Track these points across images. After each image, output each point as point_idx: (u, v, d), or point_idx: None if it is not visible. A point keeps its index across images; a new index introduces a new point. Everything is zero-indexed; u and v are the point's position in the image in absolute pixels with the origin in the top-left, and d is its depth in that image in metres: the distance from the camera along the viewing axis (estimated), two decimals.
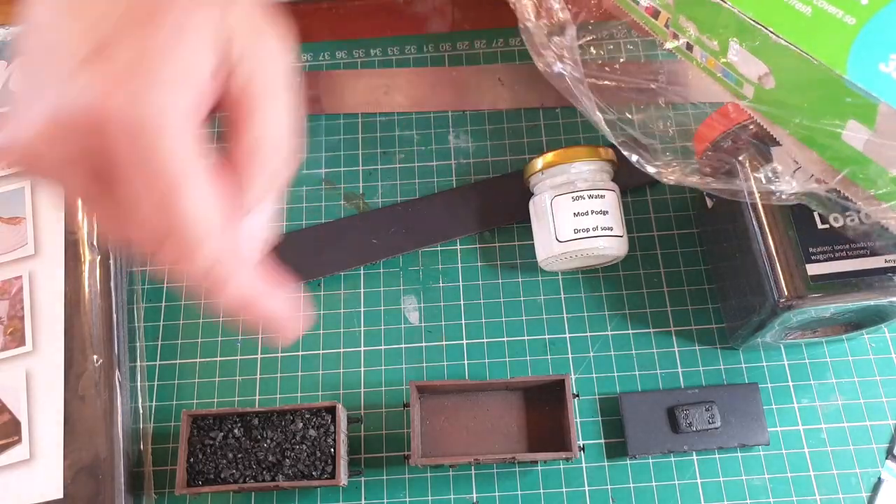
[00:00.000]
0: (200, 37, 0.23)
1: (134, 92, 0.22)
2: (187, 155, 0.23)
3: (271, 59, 0.25)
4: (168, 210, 0.23)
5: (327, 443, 0.39)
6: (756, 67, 0.30)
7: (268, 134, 0.25)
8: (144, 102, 0.22)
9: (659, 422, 0.40)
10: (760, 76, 0.31)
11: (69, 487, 0.39)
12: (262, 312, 0.27)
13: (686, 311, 0.44)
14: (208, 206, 0.23)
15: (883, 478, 0.40)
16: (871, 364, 0.42)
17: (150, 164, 0.22)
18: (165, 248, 0.24)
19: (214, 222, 0.24)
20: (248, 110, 0.25)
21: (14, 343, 0.41)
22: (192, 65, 0.23)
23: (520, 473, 0.41)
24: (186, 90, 0.23)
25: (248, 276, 0.26)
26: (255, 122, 0.25)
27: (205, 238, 0.23)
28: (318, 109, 0.51)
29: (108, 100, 0.22)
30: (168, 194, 0.23)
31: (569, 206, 0.41)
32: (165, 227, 0.23)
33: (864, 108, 0.27)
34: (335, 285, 0.46)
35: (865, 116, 0.27)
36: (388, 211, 0.47)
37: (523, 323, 0.44)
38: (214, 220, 0.24)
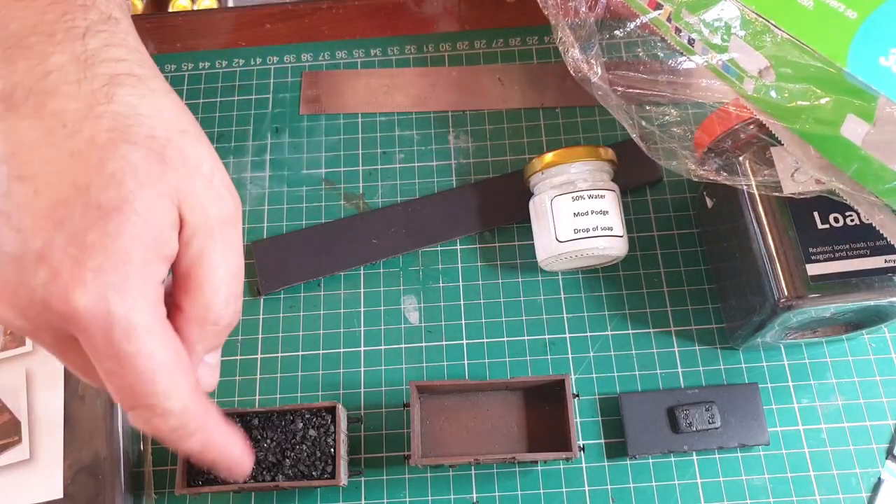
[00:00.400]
0: (159, 222, 0.23)
1: (100, 289, 0.22)
2: (156, 344, 0.23)
3: (220, 230, 0.25)
4: (139, 389, 0.23)
5: (327, 443, 0.39)
6: (756, 61, 0.31)
7: (217, 302, 0.25)
8: (112, 301, 0.22)
9: (659, 422, 0.40)
10: (761, 70, 0.31)
11: (69, 487, 0.39)
12: (220, 456, 0.28)
13: (686, 311, 0.44)
14: (180, 384, 0.24)
15: (883, 478, 0.40)
16: (871, 364, 0.42)
17: (121, 357, 0.23)
18: (137, 411, 0.24)
19: (184, 396, 0.24)
20: (197, 282, 0.25)
21: (14, 343, 0.41)
22: (153, 256, 0.23)
23: (520, 473, 0.41)
24: (152, 282, 0.23)
25: (212, 429, 0.27)
26: (204, 292, 0.25)
27: (175, 409, 0.24)
28: (318, 109, 0.51)
29: (74, 298, 0.22)
30: (139, 381, 0.23)
31: (569, 206, 0.41)
32: (136, 398, 0.24)
33: (863, 102, 0.27)
34: (335, 285, 0.46)
35: (864, 111, 0.27)
36: (388, 211, 0.47)
37: (523, 323, 0.44)
38: (184, 394, 0.24)
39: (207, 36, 0.55)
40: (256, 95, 0.52)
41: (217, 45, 0.54)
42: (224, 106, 0.52)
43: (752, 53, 0.31)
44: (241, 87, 0.52)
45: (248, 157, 0.50)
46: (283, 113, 0.51)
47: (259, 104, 0.51)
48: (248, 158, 0.50)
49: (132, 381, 0.23)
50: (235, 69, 0.53)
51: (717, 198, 0.42)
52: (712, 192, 0.43)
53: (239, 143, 0.50)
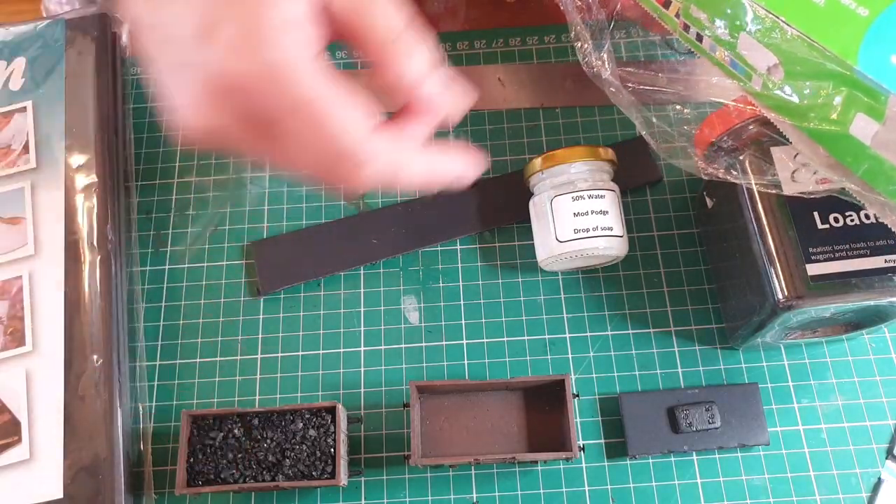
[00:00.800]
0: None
1: (253, 48, 0.25)
2: (318, 82, 0.26)
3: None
4: (321, 132, 0.26)
5: (327, 443, 0.39)
6: (765, 58, 0.30)
7: (385, 26, 0.28)
8: (265, 53, 0.25)
9: (659, 422, 0.40)
10: (770, 67, 0.30)
11: (69, 487, 0.39)
12: (441, 180, 0.31)
13: (686, 311, 0.44)
14: (355, 117, 0.27)
15: (883, 478, 0.40)
16: (871, 364, 0.42)
17: (291, 102, 0.26)
18: (335, 170, 0.28)
19: (365, 129, 0.27)
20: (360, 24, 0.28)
21: (14, 343, 0.41)
22: (291, 8, 0.26)
23: (520, 473, 0.41)
24: (295, 31, 0.26)
25: (418, 162, 0.29)
26: (372, 29, 0.28)
27: (361, 144, 0.27)
28: None
29: (235, 62, 0.25)
30: (315, 119, 0.26)
31: (569, 206, 0.41)
32: (325, 149, 0.27)
33: (873, 101, 0.27)
34: (335, 285, 0.46)
35: (873, 110, 0.27)
36: (388, 211, 0.47)
37: (523, 323, 0.44)
38: (364, 127, 0.27)
39: None
40: None
41: None
42: None
43: (760, 50, 0.30)
44: None
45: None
46: None
47: None
48: (248, 158, 0.50)
49: (310, 129, 0.26)
50: None
51: (717, 198, 0.42)
52: (712, 192, 0.43)
53: None
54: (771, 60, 0.30)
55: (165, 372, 0.44)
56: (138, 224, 0.48)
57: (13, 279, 0.43)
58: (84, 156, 0.45)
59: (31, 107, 0.47)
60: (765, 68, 0.31)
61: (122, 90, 0.51)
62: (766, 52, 0.30)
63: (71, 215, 0.44)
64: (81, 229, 0.44)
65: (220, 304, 0.45)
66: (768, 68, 0.31)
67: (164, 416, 0.43)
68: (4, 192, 0.45)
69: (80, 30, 0.49)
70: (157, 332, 0.45)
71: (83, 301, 0.42)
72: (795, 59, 0.29)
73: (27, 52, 0.49)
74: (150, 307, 0.46)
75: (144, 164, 0.50)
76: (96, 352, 0.41)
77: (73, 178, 0.45)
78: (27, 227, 0.44)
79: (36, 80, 0.48)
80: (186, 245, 0.47)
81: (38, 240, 0.44)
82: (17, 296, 0.42)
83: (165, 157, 0.50)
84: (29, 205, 0.44)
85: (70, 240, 0.43)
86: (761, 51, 0.30)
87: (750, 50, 0.31)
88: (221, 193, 0.49)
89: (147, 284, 0.46)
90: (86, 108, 0.47)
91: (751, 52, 0.31)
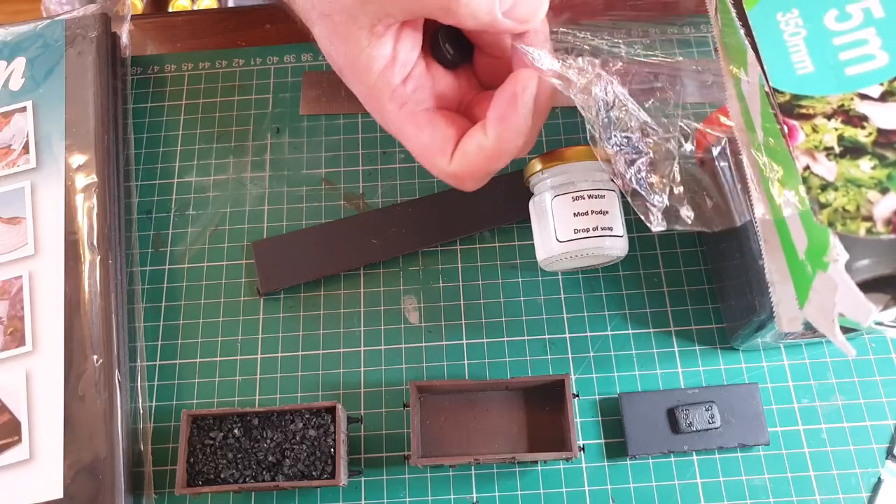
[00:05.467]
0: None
1: (356, 75, 0.34)
2: (397, 116, 0.35)
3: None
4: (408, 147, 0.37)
5: (327, 443, 0.39)
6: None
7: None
8: (364, 78, 0.34)
9: (659, 422, 0.40)
10: None
11: (69, 487, 0.39)
12: None
13: (686, 311, 0.44)
14: (432, 154, 0.36)
15: (883, 478, 0.40)
16: (871, 364, 0.42)
17: (384, 122, 0.36)
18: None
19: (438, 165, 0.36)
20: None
21: (14, 343, 0.41)
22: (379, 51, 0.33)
23: (520, 473, 0.41)
24: (381, 64, 0.33)
25: None
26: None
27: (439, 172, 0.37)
28: (318, 109, 0.51)
29: (350, 82, 0.36)
30: (402, 140, 0.36)
31: (569, 206, 0.41)
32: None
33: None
34: (335, 285, 0.46)
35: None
36: (388, 211, 0.47)
37: (523, 323, 0.44)
38: (437, 164, 0.36)
39: (207, 36, 0.55)
40: (256, 95, 0.52)
41: (217, 45, 0.54)
42: (224, 106, 0.52)
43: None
44: (241, 87, 0.52)
45: (248, 157, 0.50)
46: (283, 113, 0.51)
47: (259, 104, 0.51)
48: (248, 158, 0.50)
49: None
50: (235, 69, 0.53)
51: (716, 198, 0.42)
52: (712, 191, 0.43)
53: (239, 143, 0.50)
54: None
55: (165, 372, 0.44)
56: (138, 224, 0.48)
57: (13, 279, 0.43)
58: (84, 156, 0.45)
59: (31, 107, 0.47)
60: None
61: (122, 90, 0.51)
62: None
63: (71, 215, 0.44)
64: (81, 229, 0.44)
65: (220, 304, 0.46)
66: None
67: (164, 416, 0.43)
68: (4, 192, 0.45)
69: (80, 30, 0.49)
70: (157, 332, 0.45)
71: (83, 301, 0.42)
72: None
73: (27, 52, 0.49)
74: (150, 307, 0.46)
75: (144, 164, 0.50)
76: (96, 352, 0.41)
77: (73, 178, 0.45)
78: (27, 227, 0.44)
79: (36, 80, 0.48)
80: (186, 245, 0.47)
81: (38, 240, 0.44)
82: (17, 296, 0.42)
83: (165, 157, 0.50)
84: (29, 205, 0.45)
85: (70, 240, 0.43)
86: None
87: None
88: (221, 193, 0.49)
89: (147, 284, 0.46)
90: (86, 108, 0.47)
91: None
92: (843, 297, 0.24)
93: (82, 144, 0.46)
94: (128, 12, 0.53)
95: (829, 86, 0.26)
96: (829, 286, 0.24)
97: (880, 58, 0.25)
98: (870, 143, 0.24)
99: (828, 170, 0.24)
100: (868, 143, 0.24)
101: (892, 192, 0.23)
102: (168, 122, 0.51)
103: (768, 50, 0.27)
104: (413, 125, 0.35)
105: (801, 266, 0.26)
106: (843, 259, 0.23)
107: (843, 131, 0.25)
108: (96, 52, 0.48)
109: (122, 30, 0.52)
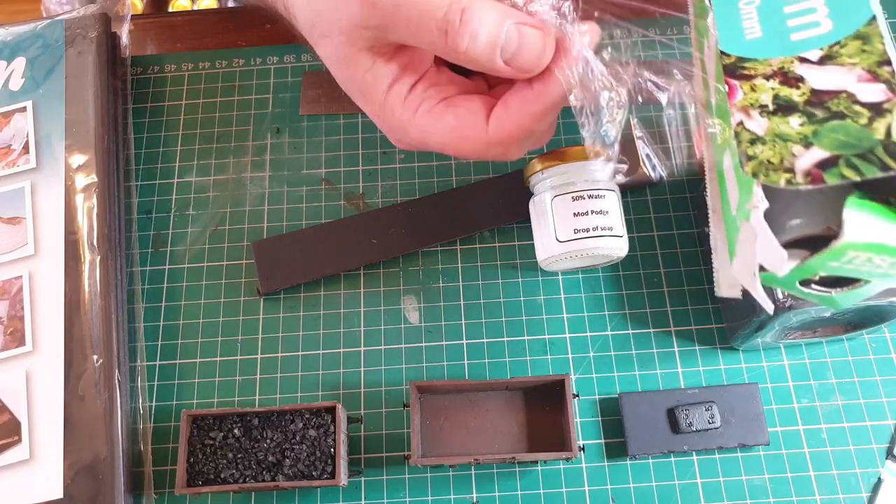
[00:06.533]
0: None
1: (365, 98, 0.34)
2: (412, 121, 0.34)
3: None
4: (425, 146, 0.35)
5: (327, 443, 0.39)
6: None
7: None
8: (373, 98, 0.34)
9: (659, 422, 0.40)
10: None
11: (69, 487, 0.39)
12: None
13: (686, 311, 0.44)
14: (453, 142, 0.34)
15: (883, 478, 0.40)
16: (871, 364, 0.42)
17: (401, 132, 0.35)
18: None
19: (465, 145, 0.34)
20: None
21: (14, 343, 0.41)
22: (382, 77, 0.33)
23: (520, 473, 0.41)
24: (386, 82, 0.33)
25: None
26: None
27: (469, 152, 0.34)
28: (318, 109, 0.51)
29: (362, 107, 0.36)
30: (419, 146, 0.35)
31: (569, 206, 0.41)
32: None
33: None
34: (335, 285, 0.46)
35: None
36: (388, 211, 0.47)
37: (523, 323, 0.44)
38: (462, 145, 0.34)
39: (207, 36, 0.55)
40: (256, 95, 0.52)
41: (217, 45, 0.54)
42: (224, 106, 0.52)
43: None
44: (241, 87, 0.52)
45: (248, 157, 0.50)
46: (283, 113, 0.51)
47: (259, 104, 0.51)
48: (248, 158, 0.50)
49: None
50: (235, 69, 0.53)
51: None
52: None
53: (239, 143, 0.50)
54: None
55: (165, 372, 0.44)
56: (138, 224, 0.48)
57: (13, 279, 0.43)
58: (84, 156, 0.45)
59: (31, 107, 0.47)
60: None
61: (122, 90, 0.51)
62: None
63: (71, 215, 0.44)
64: (81, 229, 0.44)
65: (220, 304, 0.46)
66: None
67: (164, 416, 0.43)
68: (4, 192, 0.45)
69: (80, 30, 0.49)
70: (157, 332, 0.45)
71: (83, 301, 0.42)
72: None
73: (27, 52, 0.49)
74: (150, 307, 0.46)
75: (144, 164, 0.50)
76: (96, 352, 0.41)
77: (73, 178, 0.45)
78: (27, 227, 0.44)
79: (36, 80, 0.48)
80: (186, 245, 0.47)
81: (38, 240, 0.44)
82: (17, 296, 0.42)
83: (165, 157, 0.50)
84: (29, 205, 0.45)
85: (70, 240, 0.43)
86: None
87: None
88: (221, 193, 0.49)
89: (147, 284, 0.46)
90: (86, 108, 0.47)
91: None
92: (762, 246, 0.25)
93: (82, 144, 0.46)
94: (128, 12, 0.53)
95: (774, 50, 0.27)
96: (750, 236, 0.25)
97: (825, 25, 0.26)
98: (802, 101, 0.25)
99: (759, 125, 0.25)
100: (801, 102, 0.25)
101: (816, 147, 0.24)
102: (168, 122, 0.51)
103: (722, 16, 0.28)
104: (433, 119, 0.33)
105: (733, 221, 0.27)
106: (763, 206, 0.24)
107: (779, 91, 0.26)
108: (96, 52, 0.48)
109: (122, 30, 0.52)
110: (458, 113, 0.33)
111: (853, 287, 0.27)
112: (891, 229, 0.24)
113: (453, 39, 0.29)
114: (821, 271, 0.26)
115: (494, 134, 0.33)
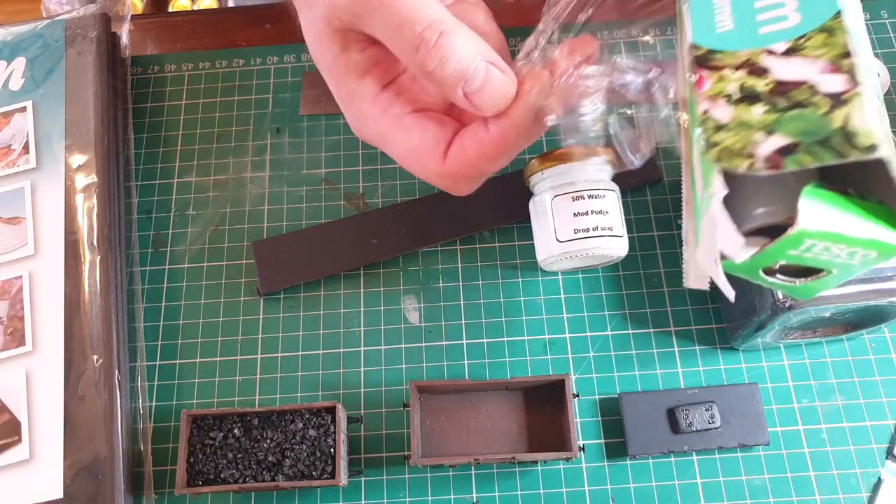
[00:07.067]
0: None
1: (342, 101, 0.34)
2: (383, 122, 0.33)
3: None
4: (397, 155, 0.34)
5: (327, 443, 0.39)
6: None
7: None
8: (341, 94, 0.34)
9: (659, 422, 0.40)
10: None
11: (69, 487, 0.39)
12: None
13: (686, 311, 0.44)
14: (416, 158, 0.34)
15: (883, 478, 0.40)
16: (871, 364, 0.42)
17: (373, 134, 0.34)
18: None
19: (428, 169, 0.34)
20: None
21: (14, 343, 0.41)
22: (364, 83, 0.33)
23: (520, 473, 0.41)
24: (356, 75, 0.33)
25: None
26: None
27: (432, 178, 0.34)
28: (318, 109, 0.51)
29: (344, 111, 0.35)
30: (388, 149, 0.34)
31: (569, 206, 0.41)
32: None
33: None
34: (335, 285, 0.46)
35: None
36: (388, 211, 0.47)
37: (523, 323, 0.44)
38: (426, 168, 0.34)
39: (207, 36, 0.55)
40: (256, 95, 0.52)
41: (217, 45, 0.54)
42: (224, 106, 0.52)
43: None
44: (241, 87, 0.52)
45: (248, 157, 0.50)
46: (283, 113, 0.51)
47: (259, 104, 0.51)
48: (248, 158, 0.50)
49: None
50: (235, 69, 0.53)
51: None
52: None
53: (239, 143, 0.50)
54: None
55: (165, 372, 0.44)
56: (138, 224, 0.48)
57: (13, 279, 0.43)
58: (84, 156, 0.45)
59: (31, 107, 0.47)
60: None
61: (122, 90, 0.51)
62: None
63: (71, 215, 0.44)
64: (81, 229, 0.44)
65: (220, 304, 0.46)
66: None
67: (164, 416, 0.43)
68: (4, 192, 0.45)
69: (80, 30, 0.49)
70: (157, 332, 0.45)
71: (83, 301, 0.42)
72: None
73: (27, 52, 0.49)
74: (150, 307, 0.46)
75: (144, 164, 0.50)
76: (96, 352, 0.41)
77: (73, 178, 0.45)
78: (27, 227, 0.44)
79: (36, 80, 0.48)
80: (186, 245, 0.47)
81: (38, 240, 0.44)
82: (17, 296, 0.42)
83: (165, 157, 0.50)
84: (29, 205, 0.45)
85: (70, 240, 0.43)
86: None
87: None
88: (221, 193, 0.49)
89: (147, 284, 0.46)
90: (86, 108, 0.47)
91: None
92: (721, 231, 0.25)
93: (82, 144, 0.46)
94: (128, 12, 0.53)
95: (744, 42, 0.27)
96: (711, 223, 0.26)
97: (792, 18, 0.27)
98: (767, 91, 0.26)
99: (724, 114, 0.26)
100: (765, 92, 0.26)
101: (777, 134, 0.24)
102: (168, 122, 0.51)
103: (696, 11, 0.29)
104: (399, 129, 0.33)
105: (699, 210, 0.27)
106: (721, 192, 0.25)
107: (745, 81, 0.26)
108: (96, 52, 0.48)
109: (122, 30, 0.52)
110: (424, 136, 0.33)
111: (816, 277, 0.28)
112: (847, 219, 0.25)
113: (423, 57, 0.29)
114: (781, 259, 0.26)
115: (448, 168, 0.33)
